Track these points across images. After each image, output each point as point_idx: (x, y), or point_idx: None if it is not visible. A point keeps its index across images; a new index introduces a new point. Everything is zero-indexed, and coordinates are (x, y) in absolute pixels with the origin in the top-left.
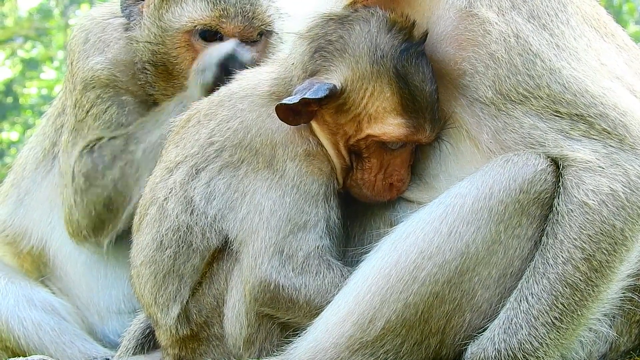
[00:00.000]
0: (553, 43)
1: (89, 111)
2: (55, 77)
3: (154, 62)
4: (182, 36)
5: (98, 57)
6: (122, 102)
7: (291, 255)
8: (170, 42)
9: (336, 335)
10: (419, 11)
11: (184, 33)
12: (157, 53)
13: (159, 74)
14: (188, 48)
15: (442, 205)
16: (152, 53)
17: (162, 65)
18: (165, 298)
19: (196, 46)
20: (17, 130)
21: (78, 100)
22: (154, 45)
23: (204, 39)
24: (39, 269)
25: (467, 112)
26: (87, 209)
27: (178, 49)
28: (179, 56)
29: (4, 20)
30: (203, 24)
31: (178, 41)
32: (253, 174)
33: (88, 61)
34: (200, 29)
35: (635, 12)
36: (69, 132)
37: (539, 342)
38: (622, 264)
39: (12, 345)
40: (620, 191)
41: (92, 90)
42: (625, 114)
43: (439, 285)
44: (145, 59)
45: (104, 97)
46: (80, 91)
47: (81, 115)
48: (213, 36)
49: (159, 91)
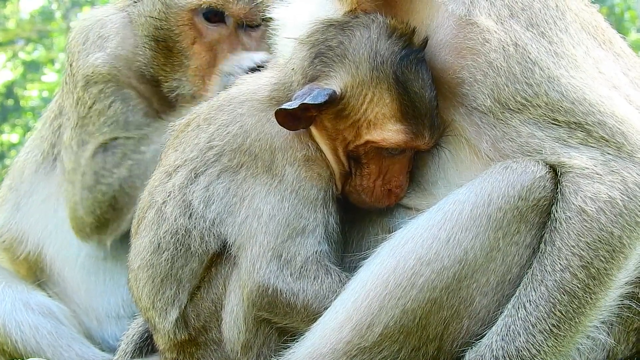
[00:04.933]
0: (552, 51)
1: (92, 107)
2: (57, 79)
3: (155, 37)
4: (185, 14)
5: (98, 54)
6: (125, 96)
7: (289, 260)
8: (174, 19)
9: (334, 341)
10: (418, 19)
11: (188, 11)
12: (160, 29)
13: (160, 50)
14: (190, 27)
15: (440, 212)
16: (155, 28)
17: (163, 41)
18: (163, 302)
19: (198, 26)
20: (17, 132)
21: (80, 98)
22: (156, 21)
23: (207, 20)
24: (35, 275)
25: (466, 120)
26: (92, 207)
27: (181, 27)
28: (180, 34)
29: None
30: (209, 3)
31: (181, 19)
32: (252, 178)
33: (88, 58)
34: (205, 9)
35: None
36: (71, 130)
37: (536, 350)
38: (620, 271)
39: (9, 349)
40: (618, 198)
41: (94, 86)
42: (623, 122)
43: (437, 292)
44: (146, 33)
45: (107, 92)
46: (82, 88)
47: (84, 111)
48: (216, 17)
49: (159, 67)
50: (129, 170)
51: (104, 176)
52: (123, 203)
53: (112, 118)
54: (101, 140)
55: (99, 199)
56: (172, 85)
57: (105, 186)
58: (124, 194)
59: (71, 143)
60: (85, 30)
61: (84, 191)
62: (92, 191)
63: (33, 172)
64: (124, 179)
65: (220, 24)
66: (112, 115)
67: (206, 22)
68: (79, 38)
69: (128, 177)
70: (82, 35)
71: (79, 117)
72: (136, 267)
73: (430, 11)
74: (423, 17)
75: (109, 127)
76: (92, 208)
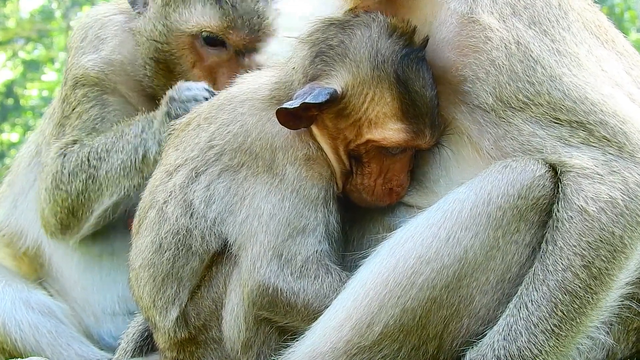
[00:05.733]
0: (554, 49)
1: (75, 108)
2: (56, 78)
3: (157, 58)
4: (187, 38)
5: (91, 55)
6: (104, 102)
7: (290, 259)
8: (175, 42)
9: (334, 340)
10: (421, 17)
11: (189, 36)
12: (161, 51)
13: (160, 71)
14: (191, 50)
15: (440, 211)
16: (155, 50)
17: (164, 62)
18: (163, 301)
19: (199, 50)
20: (17, 131)
21: (67, 96)
22: (157, 43)
23: (208, 44)
24: (36, 271)
25: (468, 118)
26: (54, 209)
27: (182, 50)
28: (181, 57)
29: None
30: (209, 31)
31: (182, 42)
32: (253, 177)
33: (81, 58)
34: (206, 35)
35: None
36: (53, 126)
37: (538, 350)
38: (621, 271)
39: (9, 347)
40: (619, 199)
41: (81, 88)
42: (625, 122)
43: (436, 291)
44: (147, 54)
45: (90, 96)
46: (70, 87)
47: (67, 111)
48: (217, 41)
49: (159, 86)
50: (84, 184)
51: (63, 182)
52: (81, 212)
53: (85, 122)
54: (65, 141)
55: (59, 203)
56: None
57: (64, 192)
58: (80, 204)
59: (50, 139)
60: (85, 28)
61: (47, 192)
62: (53, 194)
63: (26, 167)
64: (80, 192)
65: (221, 48)
66: (85, 120)
67: (207, 46)
68: (78, 35)
69: (84, 190)
70: (81, 33)
71: (62, 115)
72: (137, 266)
73: (432, 9)
74: (425, 14)
75: (78, 130)
76: (53, 210)
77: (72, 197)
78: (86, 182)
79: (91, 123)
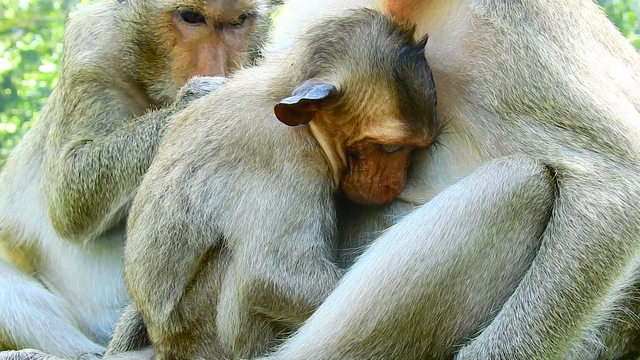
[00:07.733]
0: (562, 55)
1: (76, 105)
2: (54, 69)
3: (139, 41)
4: (164, 16)
5: (86, 52)
6: (106, 96)
7: (285, 255)
8: (154, 21)
9: (328, 336)
10: (438, 13)
11: (167, 13)
12: (141, 32)
13: (143, 53)
14: (170, 28)
15: (435, 207)
16: (137, 32)
17: (146, 44)
18: (158, 295)
19: (178, 27)
20: (14, 122)
21: (67, 95)
22: (138, 25)
23: (186, 20)
24: (31, 263)
25: (471, 118)
26: (66, 209)
27: (161, 29)
28: (161, 35)
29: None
30: (185, 6)
31: (161, 21)
32: (250, 173)
33: (77, 56)
34: (182, 10)
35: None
36: (57, 126)
37: (532, 350)
38: (618, 277)
39: (2, 339)
40: (619, 205)
41: (80, 85)
42: (628, 130)
43: (430, 287)
44: (130, 38)
45: (90, 92)
46: (70, 85)
47: (69, 109)
48: (195, 17)
49: (143, 70)
50: (98, 183)
51: (74, 181)
52: (96, 211)
53: (90, 118)
54: (74, 141)
55: (71, 203)
56: (157, 88)
57: (76, 192)
58: (95, 203)
59: (55, 140)
60: (78, 25)
61: (59, 192)
62: (65, 194)
63: (25, 164)
64: (94, 191)
65: (200, 24)
66: (90, 116)
67: (185, 23)
68: (72, 34)
69: (98, 189)
70: (75, 31)
71: (64, 114)
72: (133, 261)
73: (450, 7)
74: (443, 12)
75: (85, 128)
76: (66, 210)
77: (85, 197)
78: (100, 181)
79: (96, 118)
